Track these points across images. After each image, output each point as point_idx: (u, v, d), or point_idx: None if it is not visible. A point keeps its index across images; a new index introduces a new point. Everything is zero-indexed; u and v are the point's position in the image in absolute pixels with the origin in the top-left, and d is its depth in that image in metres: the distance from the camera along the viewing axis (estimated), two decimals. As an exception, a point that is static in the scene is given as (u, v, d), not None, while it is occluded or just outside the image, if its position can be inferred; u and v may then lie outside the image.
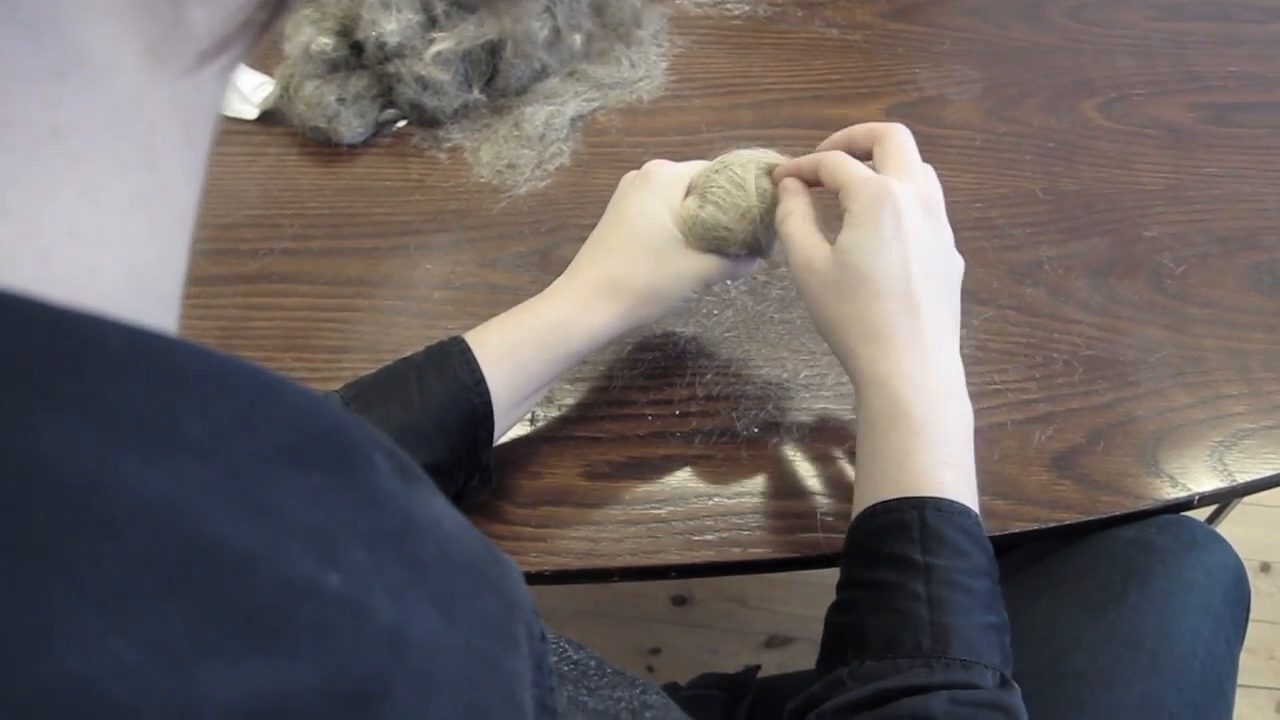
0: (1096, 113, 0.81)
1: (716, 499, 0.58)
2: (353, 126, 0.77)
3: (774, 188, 0.54)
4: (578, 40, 0.82)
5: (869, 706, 0.40)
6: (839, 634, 0.45)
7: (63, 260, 0.15)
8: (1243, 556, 0.59)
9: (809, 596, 1.27)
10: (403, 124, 0.81)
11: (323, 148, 0.79)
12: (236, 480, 0.14)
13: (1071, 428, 0.60)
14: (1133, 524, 0.58)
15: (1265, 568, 1.29)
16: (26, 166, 0.14)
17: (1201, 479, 0.58)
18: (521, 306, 0.54)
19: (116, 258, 0.16)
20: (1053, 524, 0.56)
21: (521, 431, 0.61)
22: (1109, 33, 0.88)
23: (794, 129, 0.80)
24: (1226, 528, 0.72)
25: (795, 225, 0.51)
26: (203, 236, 0.72)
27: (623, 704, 0.34)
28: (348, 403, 0.49)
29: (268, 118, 0.80)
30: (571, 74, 0.83)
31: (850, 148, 0.53)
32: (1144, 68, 0.85)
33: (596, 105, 0.82)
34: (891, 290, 0.47)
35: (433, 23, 0.76)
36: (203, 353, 0.15)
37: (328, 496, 0.15)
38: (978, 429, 0.47)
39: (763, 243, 0.55)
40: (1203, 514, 0.85)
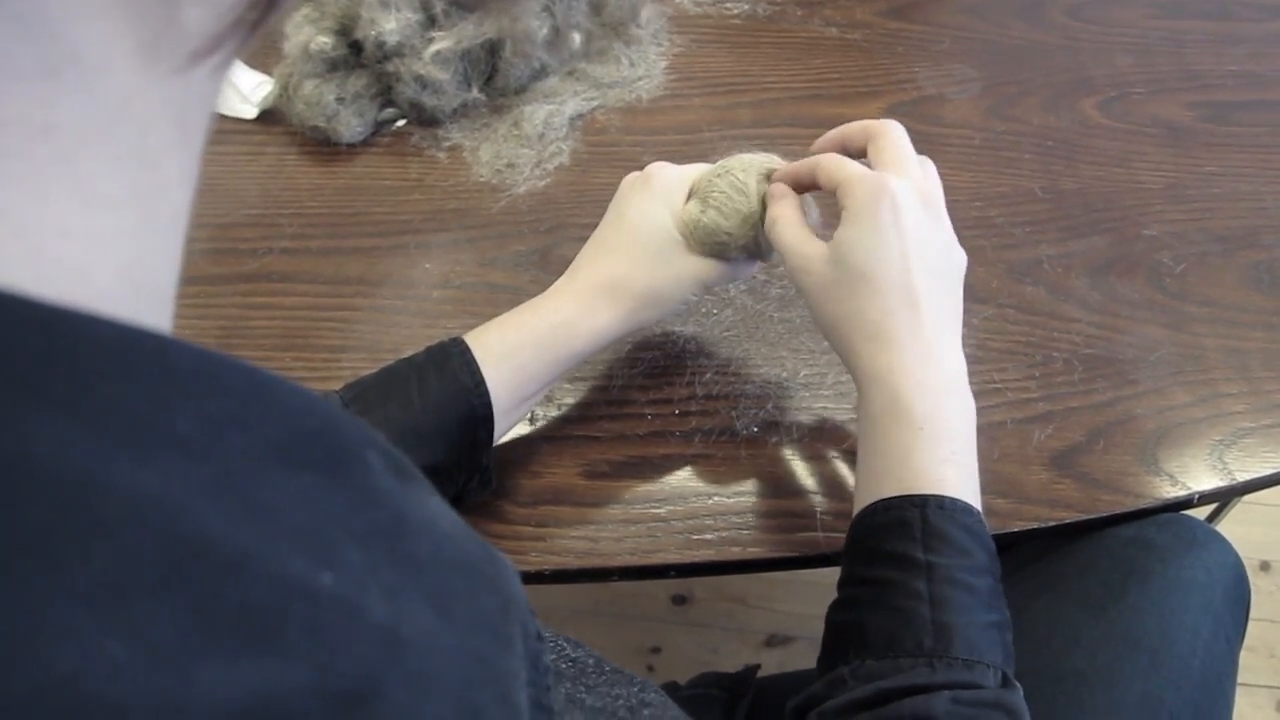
0: (1096, 111, 0.81)
1: (716, 498, 0.58)
2: (352, 126, 0.77)
3: None
4: (577, 39, 0.82)
5: (870, 706, 0.40)
6: (840, 632, 0.44)
7: (55, 259, 0.15)
8: (1242, 555, 0.59)
9: (809, 596, 1.27)
10: (402, 123, 0.81)
11: (322, 147, 0.79)
12: (229, 479, 0.14)
13: (1071, 426, 0.60)
14: (1132, 523, 0.58)
15: (1265, 566, 1.29)
16: (18, 165, 0.14)
17: (1201, 478, 0.58)
18: (522, 307, 0.54)
19: (109, 257, 0.16)
20: (1052, 523, 0.56)
21: (521, 431, 0.61)
22: (1108, 31, 0.88)
23: (793, 128, 0.80)
24: (1226, 526, 0.72)
25: (784, 230, 0.51)
26: (202, 236, 0.72)
27: (620, 702, 0.34)
28: (347, 403, 0.49)
29: (267, 117, 0.80)
30: (571, 73, 0.83)
31: (844, 146, 0.53)
32: (1143, 66, 0.85)
33: (596, 104, 0.82)
34: (891, 286, 0.47)
35: (432, 22, 0.76)
36: (195, 351, 0.14)
37: (321, 495, 0.15)
38: (977, 428, 0.47)
39: (763, 247, 0.55)
40: (1202, 513, 0.85)
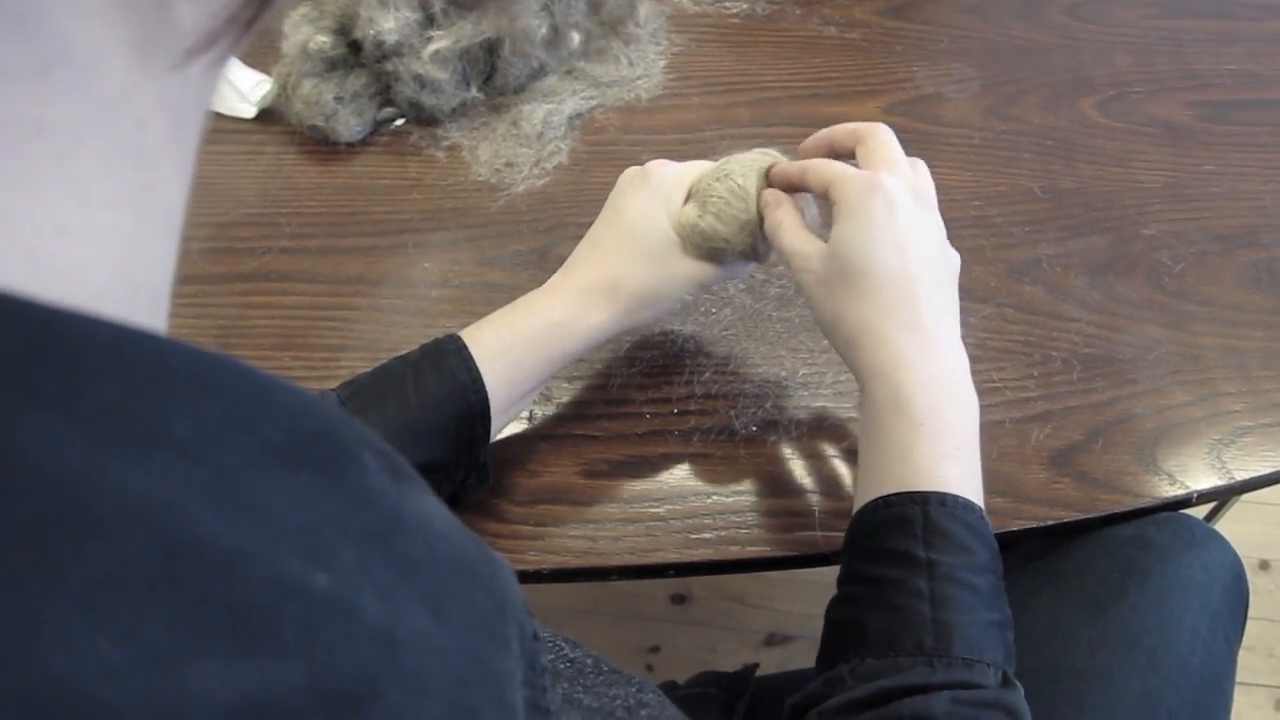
0: (1095, 111, 0.81)
1: (715, 497, 0.58)
2: (350, 125, 0.77)
3: None
4: (576, 38, 0.82)
5: (870, 705, 0.39)
6: (839, 630, 0.44)
7: (50, 258, 0.14)
8: (1241, 554, 0.59)
9: (808, 595, 1.26)
10: (401, 122, 0.80)
11: (320, 146, 0.79)
12: (223, 479, 0.14)
13: (1070, 426, 0.60)
14: (1131, 522, 0.58)
15: (1264, 565, 1.29)
16: (12, 164, 0.14)
17: (1200, 477, 0.58)
18: (517, 304, 0.54)
19: (104, 256, 0.15)
20: (1051, 522, 0.56)
21: (519, 429, 0.61)
22: (1107, 30, 0.88)
23: (792, 127, 0.80)
24: (1225, 525, 0.72)
25: (785, 235, 0.51)
26: (200, 235, 0.72)
27: (618, 702, 0.34)
28: (344, 401, 0.49)
29: (265, 116, 0.80)
30: (569, 72, 0.83)
31: (832, 150, 0.53)
32: (1142, 65, 0.85)
33: (595, 103, 0.82)
34: (889, 279, 0.47)
35: (430, 21, 0.76)
36: (190, 351, 0.14)
37: (316, 496, 0.15)
38: (976, 427, 0.47)
39: (760, 252, 0.55)
40: (1201, 512, 0.85)
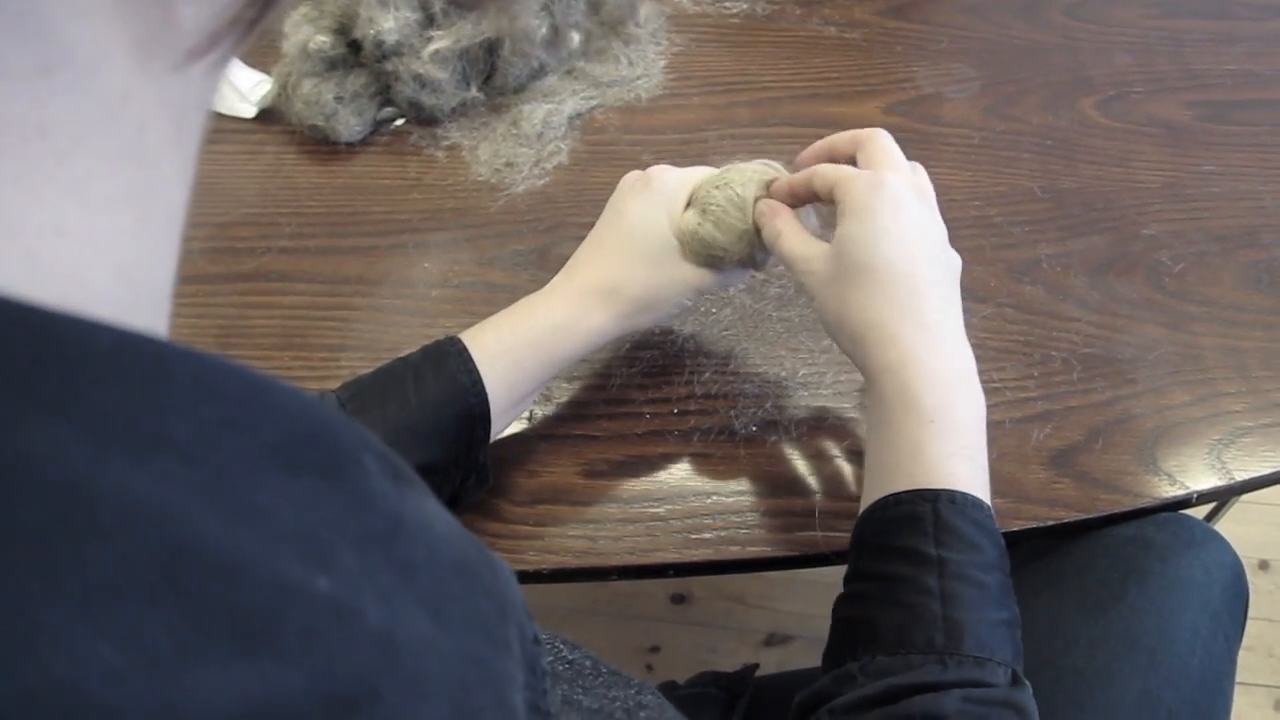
0: (1095, 111, 0.81)
1: (715, 497, 0.58)
2: (350, 125, 0.77)
3: None
4: (576, 38, 0.82)
5: (880, 703, 0.39)
6: (848, 627, 0.44)
7: (51, 260, 0.14)
8: (1241, 554, 0.59)
9: (808, 595, 1.27)
10: (400, 122, 0.80)
11: (320, 146, 0.79)
12: (224, 483, 0.14)
13: (1070, 426, 0.60)
14: (1131, 522, 0.58)
15: (1264, 565, 1.29)
16: (13, 165, 0.14)
17: (1200, 477, 0.58)
18: (518, 306, 0.54)
19: (106, 257, 0.15)
20: (1051, 522, 0.56)
21: (519, 429, 0.61)
22: (1107, 30, 0.88)
23: (792, 127, 0.80)
24: (1225, 525, 0.72)
25: (788, 241, 0.51)
26: (200, 235, 0.72)
27: (618, 703, 0.34)
28: (344, 403, 0.49)
29: (265, 116, 0.80)
30: (569, 72, 0.83)
31: (832, 157, 0.53)
32: (1142, 65, 0.85)
33: (595, 103, 0.82)
34: (895, 276, 0.47)
35: (430, 21, 0.76)
36: (191, 355, 0.14)
37: (317, 499, 0.15)
38: (977, 427, 0.47)
39: (758, 260, 0.55)
40: (1201, 512, 0.85)
